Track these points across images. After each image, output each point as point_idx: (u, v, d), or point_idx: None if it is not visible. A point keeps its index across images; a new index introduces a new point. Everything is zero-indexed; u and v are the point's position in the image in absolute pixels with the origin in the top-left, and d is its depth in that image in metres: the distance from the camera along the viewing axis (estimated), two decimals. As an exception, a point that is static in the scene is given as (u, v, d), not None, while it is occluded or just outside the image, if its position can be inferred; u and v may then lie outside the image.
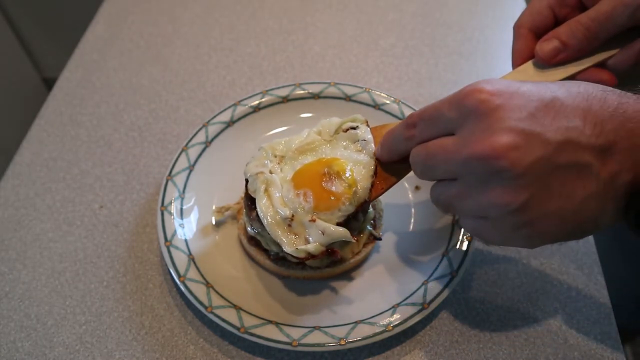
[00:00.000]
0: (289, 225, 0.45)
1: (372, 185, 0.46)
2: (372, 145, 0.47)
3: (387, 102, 0.61)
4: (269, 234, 0.46)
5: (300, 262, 0.50)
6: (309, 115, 0.62)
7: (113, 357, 0.48)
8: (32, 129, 0.66)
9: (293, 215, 0.45)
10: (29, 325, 0.50)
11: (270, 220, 0.45)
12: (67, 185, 0.60)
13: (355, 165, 0.46)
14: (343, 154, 0.47)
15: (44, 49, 1.81)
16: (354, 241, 0.45)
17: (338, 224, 0.44)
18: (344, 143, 0.48)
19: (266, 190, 0.46)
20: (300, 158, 0.49)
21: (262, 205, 0.46)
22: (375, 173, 0.46)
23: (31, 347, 0.49)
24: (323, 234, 0.43)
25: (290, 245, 0.44)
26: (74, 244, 0.55)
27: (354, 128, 0.49)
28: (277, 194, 0.46)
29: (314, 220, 0.44)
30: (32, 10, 1.70)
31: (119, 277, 0.53)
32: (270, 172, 0.47)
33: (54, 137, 0.65)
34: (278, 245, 0.49)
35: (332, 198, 0.44)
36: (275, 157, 0.49)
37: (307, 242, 0.44)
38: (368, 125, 0.49)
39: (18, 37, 1.74)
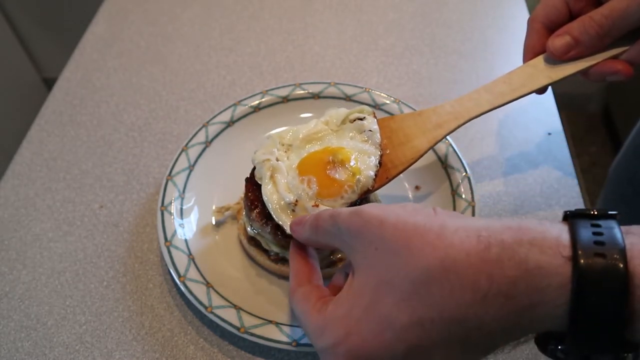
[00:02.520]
0: (293, 211, 0.45)
1: (377, 175, 0.46)
2: (378, 135, 0.48)
3: (387, 102, 0.61)
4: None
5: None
6: (309, 115, 0.62)
7: (113, 357, 0.48)
8: (32, 129, 0.66)
9: (297, 201, 0.45)
10: (29, 325, 0.50)
11: (274, 205, 0.45)
12: (67, 185, 0.60)
13: (360, 154, 0.47)
14: (349, 143, 0.48)
15: (44, 49, 1.81)
16: None
17: None
18: (351, 134, 0.49)
19: (272, 176, 0.47)
20: (307, 147, 0.49)
21: (267, 191, 0.46)
22: (380, 163, 0.47)
23: (31, 347, 0.49)
24: None
25: None
26: (74, 244, 0.55)
27: (361, 119, 0.49)
28: (283, 180, 0.46)
29: (317, 206, 0.44)
30: (32, 10, 1.70)
31: (119, 277, 0.53)
32: (277, 160, 0.48)
33: (54, 137, 0.65)
34: (278, 245, 0.49)
35: (335, 185, 0.45)
36: (283, 145, 0.49)
37: None
38: (375, 117, 0.50)
39: (18, 37, 1.74)
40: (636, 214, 0.76)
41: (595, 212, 0.30)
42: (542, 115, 0.67)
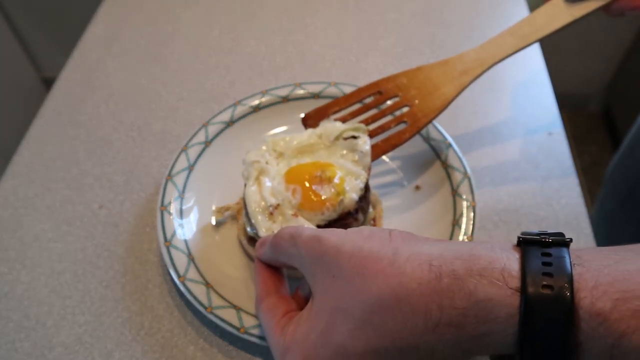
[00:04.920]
0: (271, 214, 0.46)
1: (361, 197, 0.47)
2: (369, 158, 0.49)
3: (388, 102, 0.61)
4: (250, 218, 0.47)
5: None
6: (309, 115, 0.62)
7: (112, 358, 0.48)
8: (31, 129, 0.66)
9: (278, 205, 0.46)
10: (28, 325, 0.50)
11: (254, 206, 0.46)
12: (66, 185, 0.60)
13: (347, 175, 0.48)
14: (339, 161, 0.49)
15: (44, 49, 1.81)
16: None
17: (318, 226, 0.45)
18: (343, 152, 0.49)
19: (257, 178, 0.48)
20: (298, 157, 0.50)
21: (250, 192, 0.47)
22: (367, 188, 0.48)
23: (30, 347, 0.48)
24: None
25: (267, 231, 0.45)
26: (74, 244, 0.55)
27: (355, 137, 0.49)
28: (268, 184, 0.47)
29: (296, 216, 0.45)
30: (32, 10, 1.70)
31: (119, 278, 0.53)
32: (267, 164, 0.49)
33: (54, 137, 0.65)
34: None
35: (318, 200, 0.45)
36: (275, 151, 0.50)
37: None
38: (369, 136, 0.51)
39: (18, 37, 1.74)
40: (630, 215, 0.76)
41: (549, 240, 0.30)
42: (543, 114, 0.67)
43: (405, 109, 0.53)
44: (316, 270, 0.34)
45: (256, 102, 0.61)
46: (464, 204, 0.53)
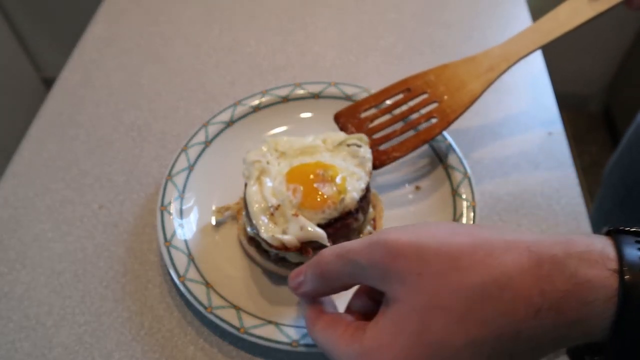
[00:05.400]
0: (272, 214, 0.46)
1: (363, 197, 0.48)
2: (370, 164, 0.50)
3: (388, 102, 0.61)
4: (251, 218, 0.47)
5: (300, 263, 0.49)
6: (309, 115, 0.62)
7: (112, 358, 0.48)
8: (31, 129, 0.66)
9: (279, 205, 0.46)
10: (28, 325, 0.50)
11: (255, 206, 0.46)
12: (66, 185, 0.60)
13: (349, 175, 0.48)
14: (341, 164, 0.49)
15: (44, 49, 1.81)
16: (328, 245, 0.45)
17: (319, 226, 0.45)
18: (345, 153, 0.50)
19: (259, 177, 0.48)
20: (300, 158, 0.50)
21: (251, 192, 0.47)
22: (368, 189, 0.49)
23: (30, 347, 0.48)
24: (301, 230, 0.44)
25: (267, 232, 0.45)
26: (74, 244, 0.55)
27: (357, 145, 0.50)
28: (269, 183, 0.47)
29: (296, 215, 0.45)
30: (32, 10, 1.70)
31: (119, 278, 0.53)
32: (268, 163, 0.49)
33: (53, 137, 0.65)
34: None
35: (319, 199, 0.46)
36: (276, 151, 0.50)
37: (285, 234, 0.45)
38: (370, 147, 0.52)
39: (18, 37, 1.74)
40: (629, 215, 0.76)
41: (639, 230, 0.31)
42: (543, 114, 0.67)
43: (434, 105, 0.54)
44: (391, 275, 0.32)
45: (256, 102, 0.61)
46: (464, 204, 0.53)
